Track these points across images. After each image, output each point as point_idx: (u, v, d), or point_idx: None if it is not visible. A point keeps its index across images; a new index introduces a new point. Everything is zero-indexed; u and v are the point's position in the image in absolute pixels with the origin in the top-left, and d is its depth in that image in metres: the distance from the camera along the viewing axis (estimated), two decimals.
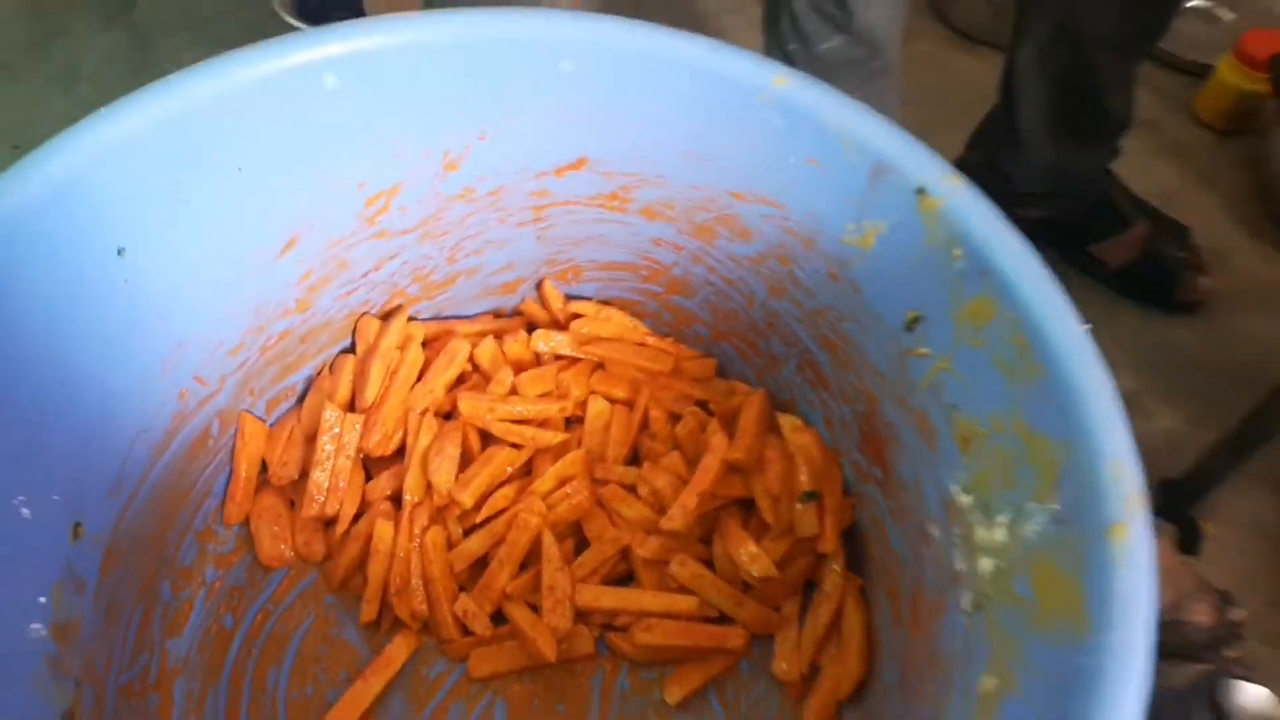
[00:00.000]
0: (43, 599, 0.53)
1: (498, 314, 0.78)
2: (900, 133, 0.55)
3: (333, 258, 0.67)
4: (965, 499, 0.53)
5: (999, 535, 0.50)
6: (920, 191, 0.53)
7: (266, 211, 0.62)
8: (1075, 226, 0.88)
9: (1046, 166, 0.84)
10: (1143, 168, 1.01)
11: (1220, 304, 0.89)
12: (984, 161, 0.90)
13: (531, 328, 0.75)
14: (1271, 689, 0.70)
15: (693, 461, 0.68)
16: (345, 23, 0.59)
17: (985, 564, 0.51)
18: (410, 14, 0.61)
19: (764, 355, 0.71)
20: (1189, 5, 1.18)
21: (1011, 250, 0.50)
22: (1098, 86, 0.78)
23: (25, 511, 0.52)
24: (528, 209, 0.69)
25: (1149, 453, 0.81)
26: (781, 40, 0.76)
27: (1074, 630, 0.41)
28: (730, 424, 0.69)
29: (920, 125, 1.04)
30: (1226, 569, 0.74)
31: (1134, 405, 0.85)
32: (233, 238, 0.61)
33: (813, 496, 0.65)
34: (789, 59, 0.77)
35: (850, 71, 0.77)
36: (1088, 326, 0.47)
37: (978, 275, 0.51)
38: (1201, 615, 0.61)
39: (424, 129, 0.63)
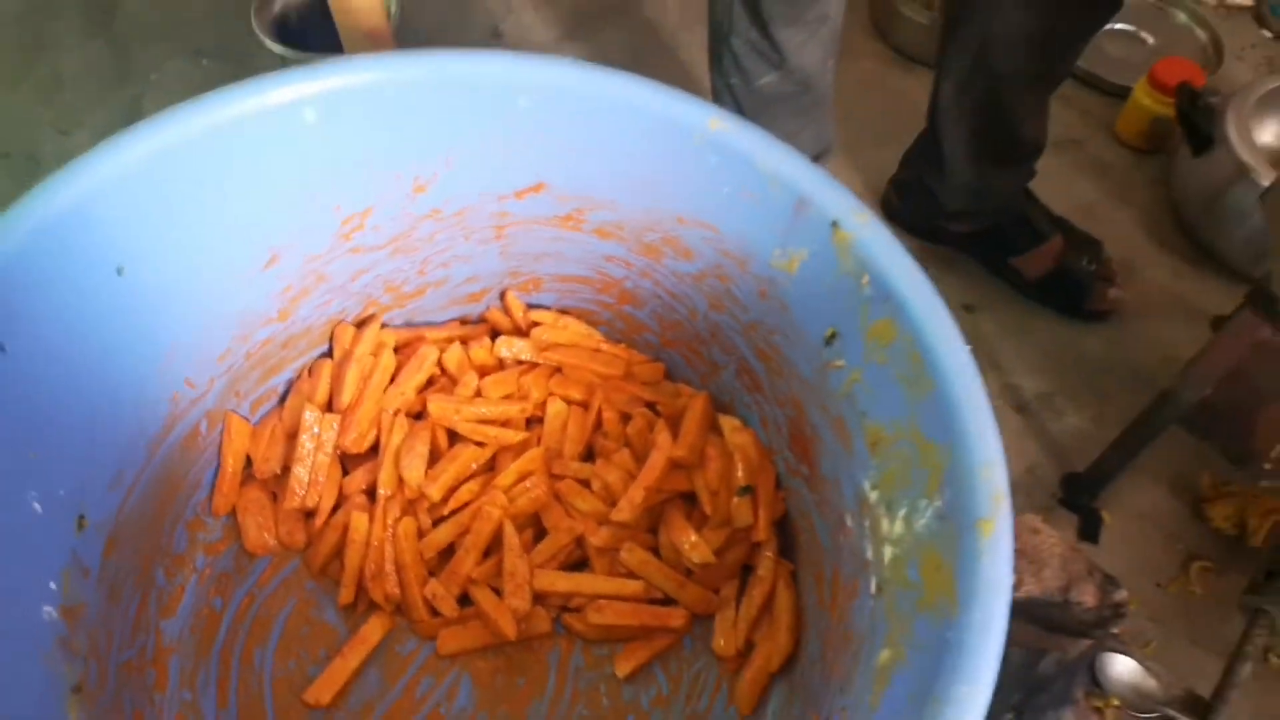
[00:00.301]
0: (53, 584, 0.59)
1: (464, 321, 0.84)
2: (819, 172, 0.61)
3: (311, 272, 0.73)
4: (874, 495, 0.60)
5: (898, 527, 0.57)
6: (835, 225, 0.60)
7: (251, 232, 0.68)
8: (997, 240, 0.96)
9: (968, 187, 0.92)
10: (1066, 184, 1.09)
11: (1128, 313, 0.97)
12: (915, 180, 0.97)
13: (495, 334, 0.82)
14: (1157, 659, 0.78)
15: (641, 458, 0.75)
16: (323, 62, 0.64)
17: (887, 552, 0.58)
18: (383, 54, 0.67)
19: (706, 362, 0.78)
20: (1114, 28, 1.26)
21: (910, 280, 0.57)
22: (1012, 117, 0.85)
23: (37, 506, 0.58)
24: (490, 227, 0.75)
25: (1058, 449, 0.90)
26: (724, 75, 0.83)
27: (947, 609, 0.49)
28: (676, 424, 0.76)
29: (862, 140, 1.12)
30: (1122, 554, 0.82)
31: (1046, 405, 0.94)
32: (220, 256, 0.67)
33: (748, 490, 0.73)
34: (731, 91, 0.84)
35: (785, 104, 0.84)
36: (969, 347, 0.54)
37: (882, 300, 0.58)
38: (1088, 597, 0.69)
39: (395, 157, 0.69)
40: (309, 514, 0.75)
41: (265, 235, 0.69)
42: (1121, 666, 0.63)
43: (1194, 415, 0.71)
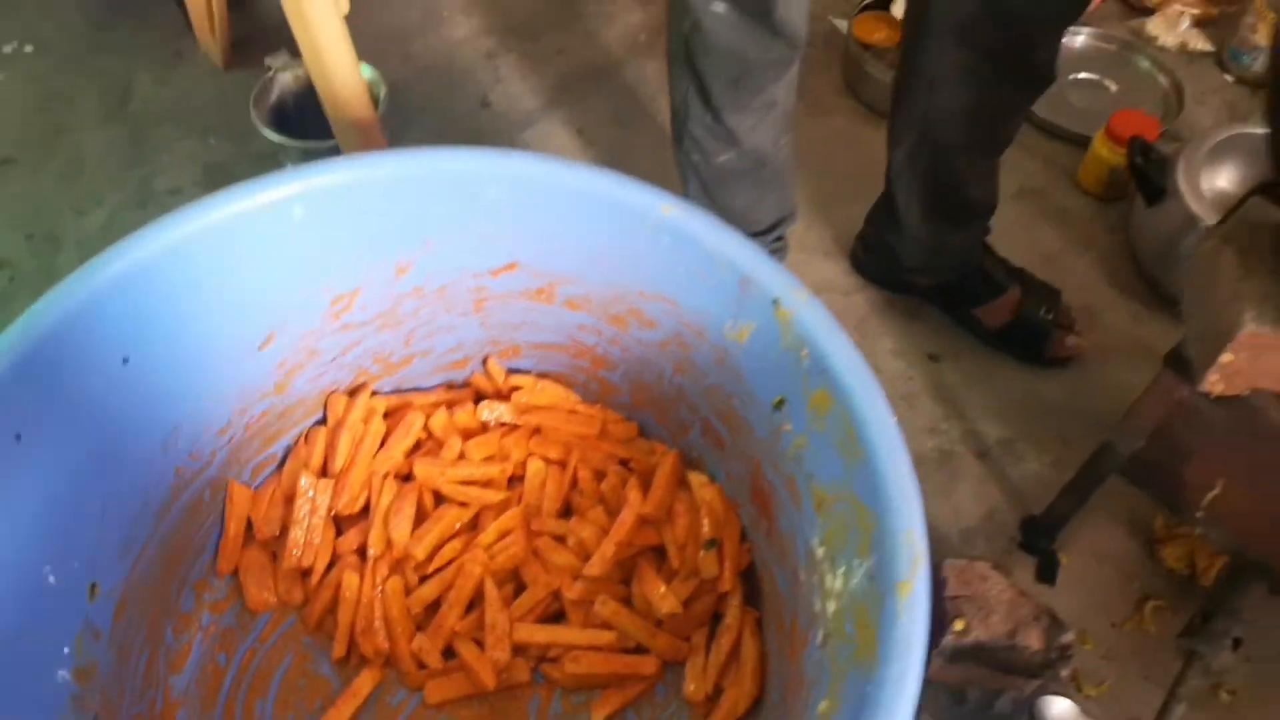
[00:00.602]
0: (66, 649, 0.65)
1: (450, 385, 0.89)
2: (761, 253, 0.67)
3: (305, 348, 0.79)
4: (820, 551, 0.65)
5: (839, 583, 0.61)
6: (776, 302, 0.65)
7: (248, 316, 0.74)
8: (957, 292, 1.01)
9: (924, 245, 0.97)
10: (1029, 231, 1.13)
11: (1087, 359, 1.01)
12: (877, 236, 1.03)
13: (479, 398, 0.87)
14: (1112, 697, 0.82)
15: (615, 514, 0.79)
16: (310, 164, 0.71)
17: (831, 606, 0.62)
18: (364, 154, 0.74)
19: (674, 421, 0.83)
20: (1077, 75, 1.30)
21: (843, 354, 0.62)
22: (960, 182, 0.90)
23: (52, 579, 0.64)
24: (470, 301, 0.81)
25: (1018, 494, 0.94)
26: (687, 152, 0.90)
27: (871, 664, 0.53)
28: (648, 480, 0.81)
29: (835, 196, 1.17)
30: (1079, 594, 0.86)
31: (1007, 450, 0.97)
32: (219, 339, 0.73)
33: (714, 544, 0.77)
34: (694, 166, 0.90)
35: (744, 178, 0.90)
36: (895, 419, 0.59)
37: (819, 373, 0.63)
38: (1034, 640, 0.72)
39: (378, 243, 0.75)
40: (305, 573, 0.80)
41: (261, 318, 0.75)
42: (1059, 708, 0.67)
43: (1131, 467, 0.75)
